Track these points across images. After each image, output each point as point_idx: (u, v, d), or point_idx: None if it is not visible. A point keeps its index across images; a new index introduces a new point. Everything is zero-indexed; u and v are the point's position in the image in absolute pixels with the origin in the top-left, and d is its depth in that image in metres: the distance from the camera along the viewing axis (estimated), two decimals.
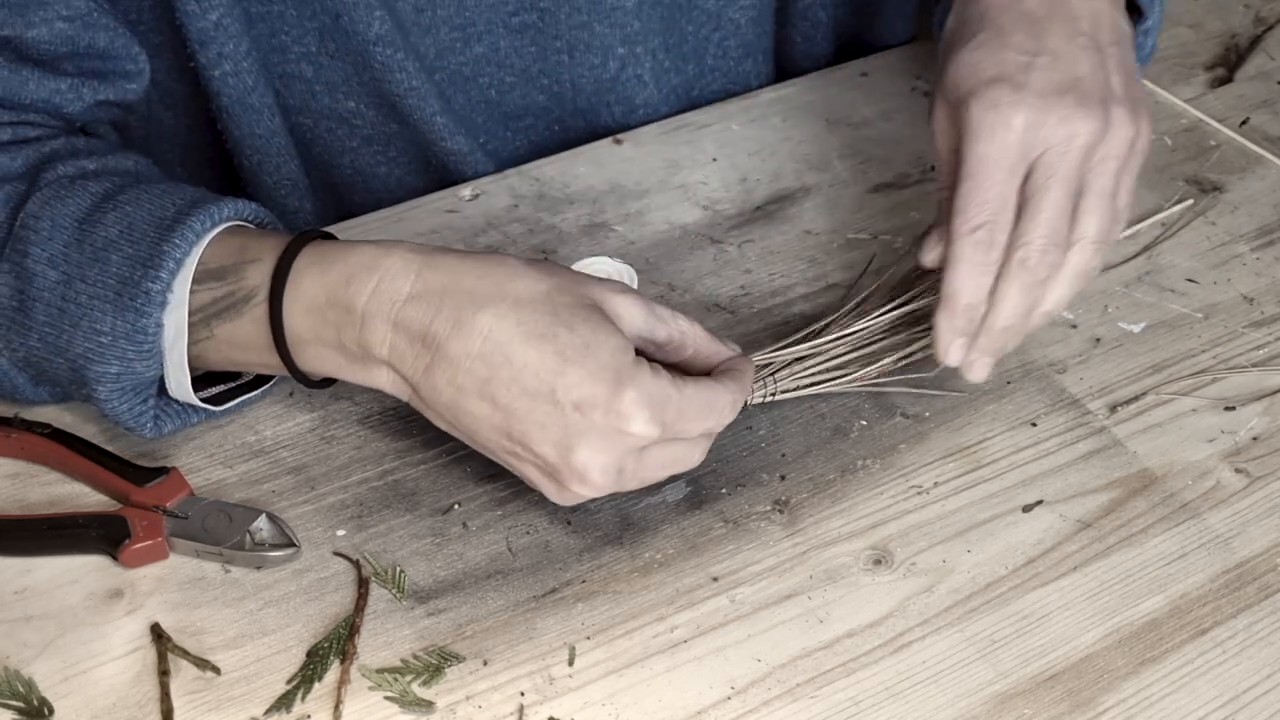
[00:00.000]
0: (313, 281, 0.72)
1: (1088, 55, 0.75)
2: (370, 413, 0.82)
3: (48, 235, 0.75)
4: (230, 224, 0.76)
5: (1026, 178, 0.74)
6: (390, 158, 1.02)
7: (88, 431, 0.80)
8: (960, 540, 0.76)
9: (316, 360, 0.74)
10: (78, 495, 0.78)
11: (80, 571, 0.74)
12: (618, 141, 1.03)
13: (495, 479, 0.78)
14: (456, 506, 0.78)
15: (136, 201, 0.75)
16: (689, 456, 0.73)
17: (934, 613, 0.73)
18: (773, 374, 0.80)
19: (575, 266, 0.77)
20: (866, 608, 0.73)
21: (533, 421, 0.69)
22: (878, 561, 0.75)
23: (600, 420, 0.69)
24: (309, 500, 0.78)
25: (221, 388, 0.80)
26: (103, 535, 0.74)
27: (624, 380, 0.69)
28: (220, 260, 0.74)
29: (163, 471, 0.76)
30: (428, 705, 0.68)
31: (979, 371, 0.77)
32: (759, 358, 0.81)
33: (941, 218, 0.77)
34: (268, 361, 0.75)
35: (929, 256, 0.78)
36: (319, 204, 1.04)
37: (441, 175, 1.02)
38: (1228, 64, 1.12)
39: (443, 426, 0.73)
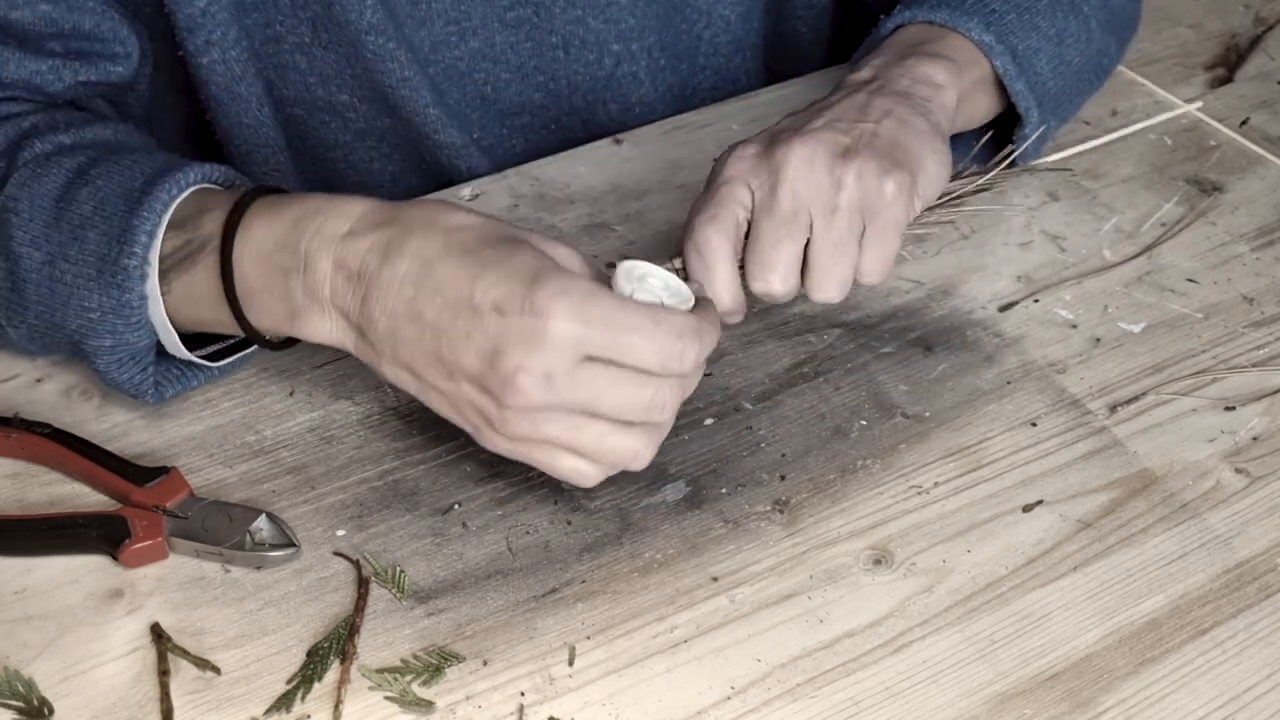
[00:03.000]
0: (263, 225, 0.73)
1: (840, 123, 0.80)
2: (370, 413, 0.82)
3: (28, 216, 0.76)
4: (198, 188, 0.76)
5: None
6: (384, 153, 1.02)
7: (88, 431, 0.80)
8: (960, 540, 0.76)
9: (265, 313, 0.74)
10: (78, 495, 0.78)
11: (80, 571, 0.74)
12: (618, 141, 1.03)
13: (495, 479, 0.78)
14: (456, 506, 0.78)
15: (108, 175, 0.76)
16: (641, 394, 0.69)
17: (934, 613, 0.73)
18: None
19: (622, 267, 0.74)
20: (866, 608, 0.73)
21: (458, 333, 0.68)
22: (878, 561, 0.75)
23: (518, 320, 0.67)
24: (309, 500, 0.78)
25: (216, 347, 0.80)
26: (103, 535, 0.74)
27: (541, 277, 0.67)
28: (181, 213, 0.75)
29: (163, 471, 0.76)
30: (428, 705, 0.68)
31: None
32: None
33: None
34: (222, 318, 0.75)
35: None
36: None
37: (436, 171, 1.02)
38: (1228, 64, 1.12)
39: (389, 375, 0.71)
